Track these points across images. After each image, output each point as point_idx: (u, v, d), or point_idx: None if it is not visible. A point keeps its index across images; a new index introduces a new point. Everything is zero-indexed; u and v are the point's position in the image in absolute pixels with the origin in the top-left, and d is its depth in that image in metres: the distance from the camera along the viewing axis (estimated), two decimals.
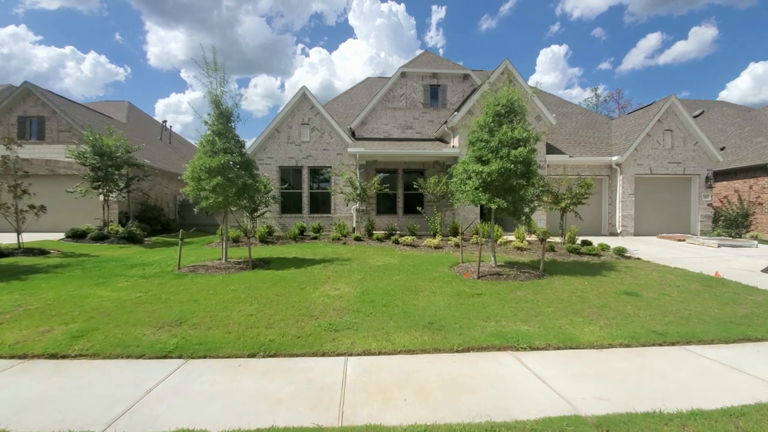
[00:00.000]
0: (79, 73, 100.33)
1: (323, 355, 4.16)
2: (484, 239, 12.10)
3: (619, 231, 15.32)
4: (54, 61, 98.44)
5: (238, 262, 9.09)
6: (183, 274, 7.84)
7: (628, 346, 4.53)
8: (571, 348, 4.44)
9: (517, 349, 4.35)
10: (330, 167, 16.17)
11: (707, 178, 15.61)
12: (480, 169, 7.50)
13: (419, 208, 13.88)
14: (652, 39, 77.17)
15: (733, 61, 74.17)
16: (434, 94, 17.37)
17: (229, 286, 6.80)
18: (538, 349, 4.39)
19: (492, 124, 7.84)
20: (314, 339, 4.47)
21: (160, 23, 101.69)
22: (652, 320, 5.29)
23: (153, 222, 17.39)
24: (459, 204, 8.26)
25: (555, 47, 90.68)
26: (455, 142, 14.96)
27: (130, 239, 13.66)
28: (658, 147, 15.46)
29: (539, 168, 7.74)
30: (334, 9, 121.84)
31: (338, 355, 4.16)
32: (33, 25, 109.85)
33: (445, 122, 16.32)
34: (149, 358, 4.09)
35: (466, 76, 17.41)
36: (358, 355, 4.17)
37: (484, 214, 15.00)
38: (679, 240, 13.76)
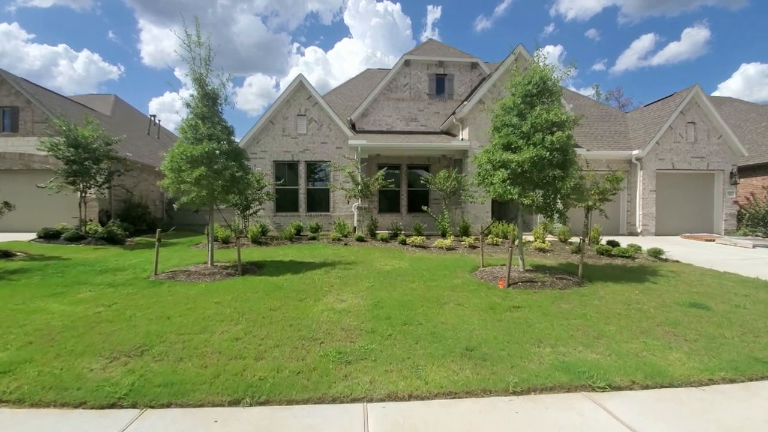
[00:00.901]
0: (72, 72, 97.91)
1: (333, 401, 3.01)
2: (500, 239, 11.01)
3: (639, 230, 14.29)
4: (46, 59, 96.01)
5: (226, 266, 7.91)
6: (159, 281, 6.65)
7: (732, 381, 3.44)
8: (662, 386, 3.33)
9: (594, 389, 3.23)
10: (329, 162, 14.98)
11: (732, 173, 14.63)
12: (509, 158, 6.39)
13: (425, 207, 12.75)
14: (646, 40, 76.64)
15: (725, 62, 73.80)
16: (440, 84, 16.25)
17: (212, 297, 5.62)
18: (620, 388, 3.28)
19: (522, 106, 6.73)
20: (320, 376, 3.32)
21: (153, 21, 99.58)
22: (744, 343, 4.20)
23: (137, 221, 16.12)
24: (482, 199, 7.16)
25: (550, 48, 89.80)
26: (464, 134, 13.86)
27: (110, 240, 12.42)
28: (681, 140, 14.45)
29: (576, 157, 6.66)
30: (330, 8, 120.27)
31: (354, 400, 3.02)
32: (25, 23, 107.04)
33: (453, 113, 15.19)
34: (92, 408, 2.94)
35: (474, 65, 16.31)
36: (382, 400, 3.04)
37: (496, 212, 13.91)
38: (708, 240, 12.75)
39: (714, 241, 12.63)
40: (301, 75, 14.79)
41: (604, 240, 10.90)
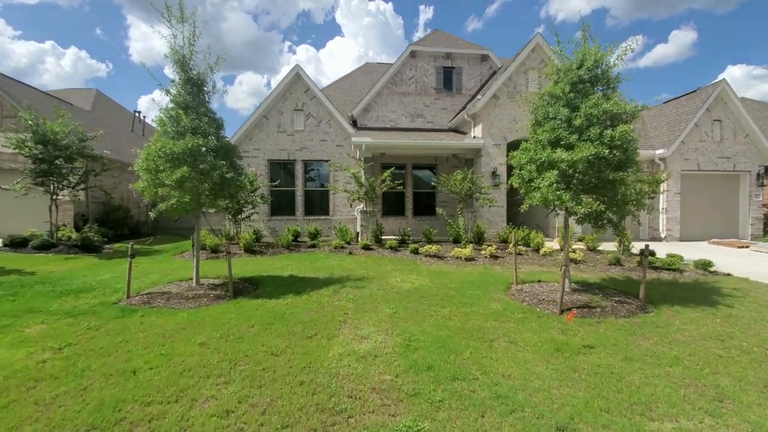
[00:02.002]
0: (59, 69, 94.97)
1: None
2: (522, 247, 9.91)
3: (663, 236, 13.33)
4: (33, 56, 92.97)
5: (215, 284, 6.68)
6: (131, 308, 5.40)
7: None
8: None
9: None
10: (328, 161, 13.77)
11: (759, 175, 13.75)
12: (560, 158, 5.27)
13: (440, 211, 11.54)
14: (633, 42, 77.06)
15: (712, 64, 74.36)
16: (448, 78, 15.11)
17: (195, 334, 4.40)
18: None
19: (571, 95, 5.61)
20: None
21: (142, 18, 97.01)
22: None
23: (118, 225, 14.73)
24: (524, 207, 6.02)
25: None
26: (477, 131, 12.75)
27: (85, 247, 11.09)
28: (707, 139, 13.51)
29: (637, 155, 5.58)
30: (322, 7, 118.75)
31: None
32: (12, 20, 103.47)
33: (462, 109, 14.09)
34: None
35: (484, 57, 15.20)
36: None
37: (512, 217, 12.83)
38: (740, 247, 11.81)
39: (747, 248, 11.69)
40: (297, 66, 13.55)
41: (635, 248, 9.89)
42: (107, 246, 12.15)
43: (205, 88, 6.39)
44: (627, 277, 7.57)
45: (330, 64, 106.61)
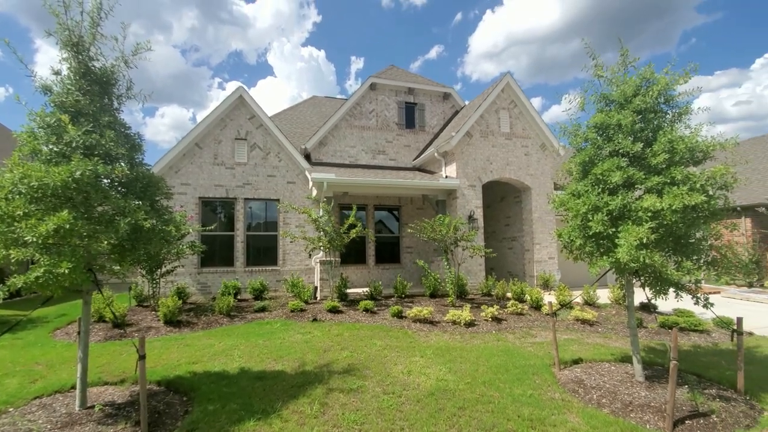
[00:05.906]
0: None
1: None
2: (520, 305, 8.42)
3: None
4: None
5: (116, 406, 4.03)
6: None
7: None
8: None
9: None
10: (278, 200, 11.50)
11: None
12: (654, 206, 3.87)
13: (420, 262, 9.54)
14: (535, 102, 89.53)
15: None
16: (410, 114, 13.97)
17: None
18: None
19: (638, 126, 4.39)
20: None
21: (53, 44, 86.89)
22: None
23: None
24: (594, 270, 4.51)
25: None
26: (450, 171, 11.51)
27: None
28: None
29: None
30: (255, 48, 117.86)
31: None
32: None
33: (428, 146, 12.94)
34: None
35: (446, 95, 14.43)
36: None
37: (491, 268, 11.53)
38: (712, 293, 11.65)
39: (719, 293, 11.58)
40: (241, 88, 11.44)
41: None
42: None
43: (114, 90, 4.11)
44: (662, 344, 6.36)
45: (261, 103, 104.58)
